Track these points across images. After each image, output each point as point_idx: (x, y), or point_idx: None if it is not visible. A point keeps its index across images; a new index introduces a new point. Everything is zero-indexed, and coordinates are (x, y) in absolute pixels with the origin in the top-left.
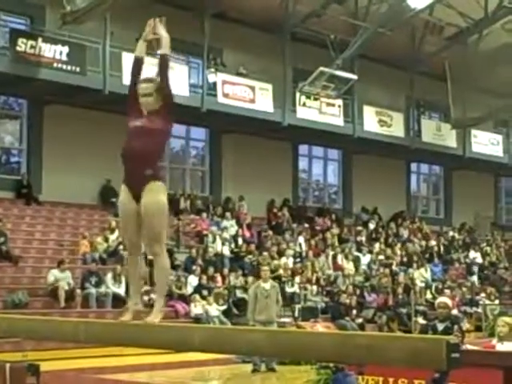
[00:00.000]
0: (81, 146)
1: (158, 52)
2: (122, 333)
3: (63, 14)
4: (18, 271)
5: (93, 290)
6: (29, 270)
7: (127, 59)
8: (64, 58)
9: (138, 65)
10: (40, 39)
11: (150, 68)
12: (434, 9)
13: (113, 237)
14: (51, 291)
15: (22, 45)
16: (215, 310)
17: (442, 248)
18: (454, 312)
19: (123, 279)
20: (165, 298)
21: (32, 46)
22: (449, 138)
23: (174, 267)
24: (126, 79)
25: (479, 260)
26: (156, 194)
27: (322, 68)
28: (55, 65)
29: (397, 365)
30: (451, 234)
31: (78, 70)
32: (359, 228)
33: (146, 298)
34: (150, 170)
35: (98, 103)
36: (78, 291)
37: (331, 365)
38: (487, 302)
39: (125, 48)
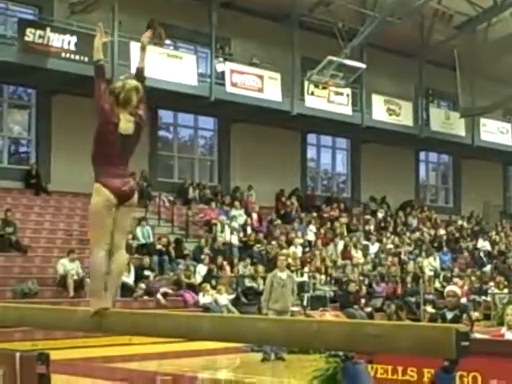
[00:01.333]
0: (89, 136)
1: (138, 64)
2: (131, 322)
3: (71, 3)
4: (27, 261)
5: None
6: (38, 259)
7: (135, 48)
8: (72, 47)
9: (102, 70)
10: (48, 29)
11: (156, 58)
12: None
13: None
14: (60, 281)
15: (31, 35)
16: (224, 298)
17: (450, 237)
18: (463, 301)
19: (132, 268)
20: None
21: (40, 36)
22: (458, 127)
23: (182, 256)
24: (135, 69)
25: (488, 249)
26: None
27: (330, 57)
28: (63, 54)
29: (406, 353)
30: (460, 222)
31: (86, 59)
32: (368, 217)
33: None
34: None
35: None
36: (87, 280)
37: (340, 353)
38: (496, 290)
39: (133, 37)
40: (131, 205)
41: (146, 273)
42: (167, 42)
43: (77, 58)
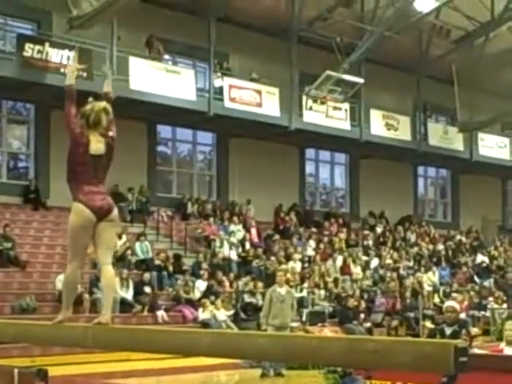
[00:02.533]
0: None
1: (104, 90)
2: (130, 338)
3: (70, 18)
4: (25, 276)
5: (100, 295)
6: (36, 275)
7: (134, 63)
8: (71, 62)
9: (73, 95)
10: (47, 44)
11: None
12: (440, 12)
13: (120, 242)
14: (59, 296)
15: (29, 50)
16: (223, 314)
17: (449, 252)
18: (462, 316)
19: (131, 284)
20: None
21: (39, 51)
22: (456, 142)
23: (181, 272)
24: (134, 84)
25: (487, 263)
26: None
27: (328, 72)
28: (62, 70)
29: (405, 369)
30: (458, 237)
31: (84, 74)
32: (366, 232)
33: None
34: None
35: None
36: (86, 296)
37: (339, 369)
38: (495, 305)
39: (132, 52)
40: (111, 220)
41: (145, 288)
42: (166, 56)
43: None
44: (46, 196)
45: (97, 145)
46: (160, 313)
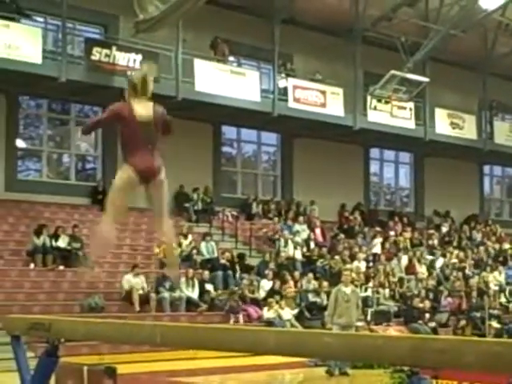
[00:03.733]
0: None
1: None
2: (197, 336)
3: (136, 22)
4: (93, 276)
5: (166, 294)
6: (104, 274)
7: (199, 66)
8: (137, 65)
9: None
10: (114, 48)
11: (219, 74)
12: (506, 9)
13: (186, 242)
14: (126, 295)
15: (97, 54)
16: (288, 313)
17: None
18: None
19: (196, 283)
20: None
21: (106, 55)
22: None
23: (246, 271)
24: (199, 86)
25: None
26: None
27: (393, 71)
28: (129, 73)
29: (472, 369)
30: None
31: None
32: (431, 231)
33: None
34: None
35: (171, 110)
36: (153, 295)
37: (406, 368)
38: None
39: (197, 55)
40: (159, 181)
41: (210, 288)
42: (230, 58)
43: None
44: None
45: (143, 110)
46: (240, 315)
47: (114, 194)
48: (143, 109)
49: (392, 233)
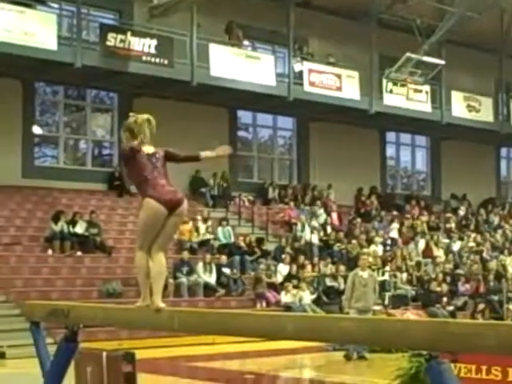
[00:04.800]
0: (170, 137)
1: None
2: (216, 322)
3: (151, 7)
4: (111, 261)
5: (184, 280)
6: (122, 260)
7: (214, 50)
8: (152, 50)
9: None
10: (129, 33)
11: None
12: None
13: (203, 226)
14: None
15: (112, 39)
16: (307, 297)
17: None
18: None
19: (213, 268)
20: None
21: (121, 40)
22: None
23: (263, 256)
24: (214, 70)
25: None
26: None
27: (408, 54)
28: (144, 58)
29: (490, 352)
30: None
31: (166, 62)
32: (449, 215)
33: None
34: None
35: (186, 94)
36: (170, 281)
37: (424, 352)
38: None
39: (212, 39)
40: (179, 213)
41: (228, 272)
42: (245, 42)
43: (157, 61)
44: (130, 182)
45: (146, 147)
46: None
47: (145, 231)
48: (144, 147)
49: (409, 216)
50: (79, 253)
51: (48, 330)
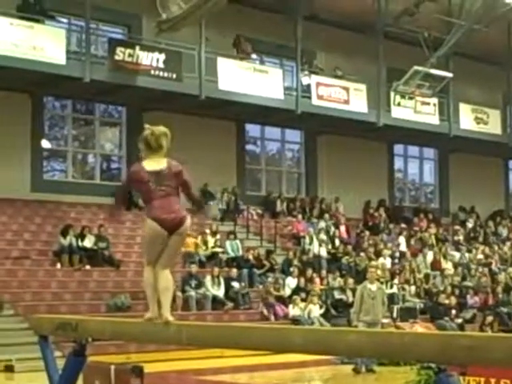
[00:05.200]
0: (179, 151)
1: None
2: (224, 335)
3: (159, 22)
4: (120, 275)
5: (193, 293)
6: (130, 273)
7: (222, 64)
8: (161, 65)
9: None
10: (137, 47)
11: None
12: None
13: (212, 240)
14: None
15: (121, 53)
16: (315, 311)
17: None
18: None
19: (222, 281)
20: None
21: (130, 55)
22: None
23: (271, 269)
24: (222, 84)
25: None
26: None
27: (416, 67)
28: (152, 72)
29: (499, 365)
30: None
31: (174, 76)
32: (457, 227)
33: None
34: None
35: (195, 108)
36: (179, 294)
37: (433, 365)
38: None
39: (220, 53)
40: (181, 233)
41: (236, 286)
42: (253, 56)
43: (165, 75)
44: (139, 196)
45: (153, 163)
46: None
47: (148, 249)
48: (155, 163)
49: (417, 229)
50: (88, 266)
51: (56, 344)
